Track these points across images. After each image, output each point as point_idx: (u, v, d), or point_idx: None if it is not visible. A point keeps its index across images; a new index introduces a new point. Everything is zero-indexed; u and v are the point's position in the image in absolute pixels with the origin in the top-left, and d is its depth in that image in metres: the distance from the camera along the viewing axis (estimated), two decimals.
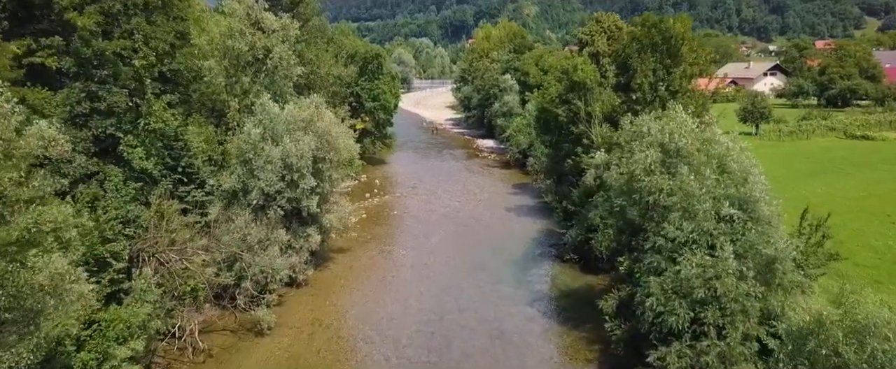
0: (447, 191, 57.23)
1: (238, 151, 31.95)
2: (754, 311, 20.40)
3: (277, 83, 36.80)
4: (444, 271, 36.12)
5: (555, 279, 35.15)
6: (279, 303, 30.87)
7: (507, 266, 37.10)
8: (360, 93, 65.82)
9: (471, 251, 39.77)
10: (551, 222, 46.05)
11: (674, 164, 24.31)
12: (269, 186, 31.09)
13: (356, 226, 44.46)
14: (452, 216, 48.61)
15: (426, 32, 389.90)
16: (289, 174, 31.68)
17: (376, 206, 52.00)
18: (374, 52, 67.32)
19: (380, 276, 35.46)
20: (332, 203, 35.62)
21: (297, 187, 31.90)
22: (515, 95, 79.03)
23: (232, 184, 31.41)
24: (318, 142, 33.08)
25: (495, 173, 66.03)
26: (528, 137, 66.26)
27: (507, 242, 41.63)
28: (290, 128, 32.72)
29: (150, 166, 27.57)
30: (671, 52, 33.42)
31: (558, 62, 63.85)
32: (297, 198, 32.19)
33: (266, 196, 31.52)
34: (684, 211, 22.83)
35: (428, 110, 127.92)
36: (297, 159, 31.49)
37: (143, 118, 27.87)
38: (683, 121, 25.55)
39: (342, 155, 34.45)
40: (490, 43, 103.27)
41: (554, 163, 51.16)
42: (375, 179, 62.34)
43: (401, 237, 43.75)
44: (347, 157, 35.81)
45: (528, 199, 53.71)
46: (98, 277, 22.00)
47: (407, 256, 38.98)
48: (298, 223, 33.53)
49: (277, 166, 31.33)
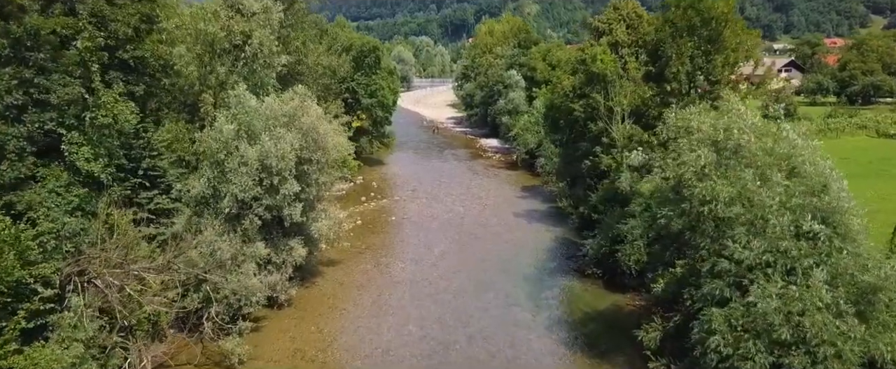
0: (450, 195, 52.66)
1: (208, 151, 27.38)
2: (854, 357, 15.81)
3: (258, 73, 32.21)
4: (448, 289, 31.54)
5: (576, 299, 30.56)
6: (255, 329, 26.35)
7: (520, 283, 32.51)
8: (356, 88, 61.26)
9: (478, 264, 35.17)
10: (567, 230, 41.47)
11: (731, 167, 19.79)
12: (243, 192, 26.49)
13: (349, 234, 39.89)
14: (456, 222, 44.03)
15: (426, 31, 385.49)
16: (267, 177, 27.09)
17: (373, 212, 47.42)
18: (371, 44, 62.75)
19: (374, 295, 30.87)
20: (319, 210, 31.01)
21: (277, 193, 27.32)
22: (522, 92, 74.43)
23: (200, 189, 26.83)
24: (302, 141, 28.54)
25: (501, 175, 61.46)
26: (536, 136, 61.74)
27: (518, 254, 37.04)
28: (270, 124, 28.16)
29: (98, 168, 22.96)
30: (711, 36, 28.87)
31: (572, 54, 59.47)
32: (277, 206, 27.60)
33: (240, 203, 26.93)
34: (750, 224, 18.31)
35: (428, 109, 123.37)
36: (278, 160, 26.92)
37: (89, 111, 23.27)
38: (742, 113, 21.03)
39: (331, 155, 29.88)
40: (493, 38, 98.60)
41: (567, 164, 46.68)
42: (372, 181, 57.78)
43: (399, 247, 39.17)
44: (338, 158, 31.29)
45: (539, 203, 49.12)
46: (15, 308, 17.50)
47: (406, 270, 34.39)
48: (280, 234, 28.95)
49: (254, 168, 26.74)
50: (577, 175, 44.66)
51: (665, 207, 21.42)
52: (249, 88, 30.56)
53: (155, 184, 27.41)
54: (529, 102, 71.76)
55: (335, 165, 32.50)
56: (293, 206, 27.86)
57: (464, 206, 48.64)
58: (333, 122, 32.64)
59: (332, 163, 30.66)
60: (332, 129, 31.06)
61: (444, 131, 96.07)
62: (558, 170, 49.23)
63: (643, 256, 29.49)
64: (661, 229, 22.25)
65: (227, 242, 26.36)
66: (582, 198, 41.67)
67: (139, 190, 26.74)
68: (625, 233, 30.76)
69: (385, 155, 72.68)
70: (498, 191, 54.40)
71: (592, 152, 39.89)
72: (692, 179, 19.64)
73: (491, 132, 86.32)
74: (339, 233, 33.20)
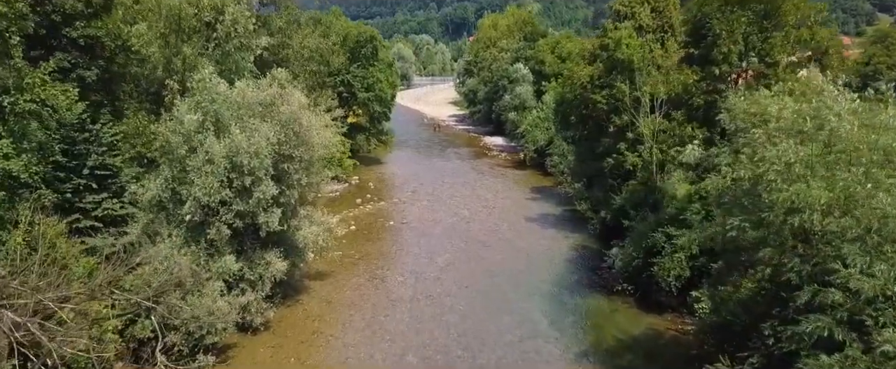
0: (454, 197, 48.03)
1: (165, 146, 22.81)
2: None
3: (232, 57, 27.59)
4: (454, 308, 26.95)
5: (605, 321, 25.97)
6: (222, 361, 21.82)
7: (538, 301, 27.92)
8: (352, 81, 56.60)
9: (488, 278, 30.57)
10: (586, 236, 36.88)
11: (829, 164, 15.21)
12: (208, 195, 21.86)
13: (341, 241, 35.34)
14: (462, 228, 39.41)
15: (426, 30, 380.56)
16: (238, 178, 22.48)
17: (368, 215, 42.79)
18: (368, 34, 58.06)
19: (368, 317, 26.26)
20: (303, 216, 26.40)
21: (250, 196, 22.70)
22: (529, 86, 69.80)
23: (156, 191, 22.24)
24: (282, 135, 23.97)
25: (509, 175, 56.81)
26: (546, 133, 57.20)
27: (533, 265, 32.42)
28: (242, 113, 23.58)
29: (19, 167, 18.37)
30: (768, 9, 24.24)
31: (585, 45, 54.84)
32: (250, 212, 22.97)
33: (205, 209, 22.30)
34: (861, 241, 13.72)
35: (429, 106, 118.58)
36: (251, 157, 22.32)
37: (8, 95, 18.68)
38: (834, 96, 16.47)
39: (317, 152, 25.27)
40: (497, 32, 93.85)
41: (583, 162, 42.16)
42: (369, 182, 53.14)
43: (397, 257, 34.53)
44: (326, 155, 26.75)
45: (552, 206, 44.50)
46: None
47: (405, 285, 29.77)
48: (255, 245, 24.32)
49: (221, 167, 22.13)
50: (595, 174, 40.20)
51: (735, 215, 16.77)
52: (223, 74, 26.01)
53: (104, 187, 22.90)
54: (538, 97, 67.25)
55: (323, 164, 28.05)
56: (270, 212, 23.24)
57: (469, 210, 44.02)
58: (324, 116, 28.09)
59: (318, 161, 26.08)
60: (320, 122, 26.48)
61: (446, 129, 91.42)
62: (573, 169, 44.68)
63: (685, 271, 25.07)
64: (730, 243, 17.60)
65: (188, 256, 21.81)
66: (603, 200, 37.12)
67: (84, 193, 22.25)
68: (660, 244, 26.31)
69: (383, 153, 68.06)
70: (506, 192, 49.76)
71: (616, 149, 35.39)
72: (776, 180, 15.06)
73: (495, 130, 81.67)
74: (328, 241, 28.67)
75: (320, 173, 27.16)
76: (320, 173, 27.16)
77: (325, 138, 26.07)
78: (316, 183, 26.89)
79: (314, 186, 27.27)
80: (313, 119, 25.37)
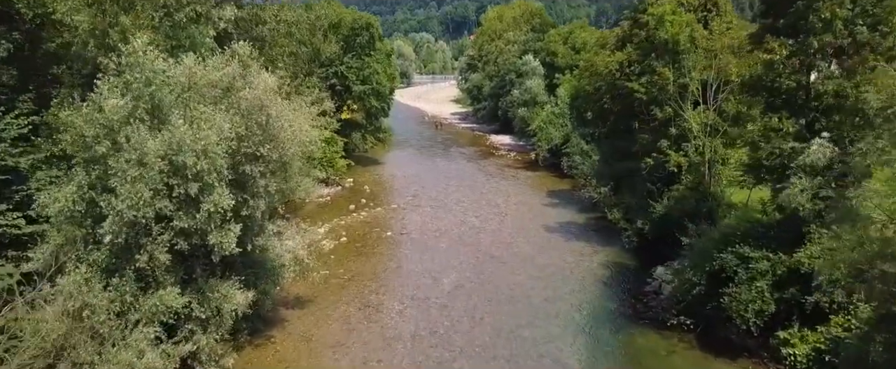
0: (460, 202, 42.28)
1: (77, 140, 17.06)
2: None
3: (187, 30, 21.72)
4: (466, 350, 21.19)
5: (660, 367, 20.21)
6: None
7: (573, 338, 22.18)
8: (346, 73, 50.82)
9: (506, 305, 24.83)
10: (619, 251, 31.18)
11: None
12: (136, 209, 16.07)
13: (328, 257, 29.84)
14: (471, 240, 33.66)
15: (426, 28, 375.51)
16: (181, 185, 16.72)
17: (362, 225, 37.03)
18: (364, 20, 52.25)
19: (357, 362, 20.50)
20: (270, 234, 20.57)
21: (197, 209, 16.94)
22: (540, 80, 64.02)
23: (64, 202, 16.46)
24: (243, 127, 18.27)
25: (520, 176, 51.04)
26: (562, 130, 51.49)
27: (561, 288, 26.67)
28: (188, 99, 17.83)
29: None
30: None
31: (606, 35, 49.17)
32: (199, 230, 17.19)
33: (134, 227, 16.52)
34: None
35: (430, 104, 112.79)
36: (197, 157, 16.57)
37: None
38: None
39: (290, 150, 19.51)
40: (503, 24, 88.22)
41: (610, 163, 36.45)
42: (364, 185, 47.37)
43: (395, 278, 28.75)
44: (306, 154, 21.04)
45: (574, 213, 38.77)
46: None
47: (404, 317, 24.01)
48: (207, 273, 18.55)
49: (156, 170, 16.37)
50: (625, 177, 34.53)
51: None
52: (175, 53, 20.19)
53: (2, 196, 17.16)
54: (549, 92, 61.54)
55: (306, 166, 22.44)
56: (225, 231, 17.45)
57: (479, 217, 38.26)
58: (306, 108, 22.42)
59: (295, 162, 20.35)
60: (299, 115, 20.77)
61: (449, 127, 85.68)
62: (598, 170, 38.94)
63: (769, 305, 19.32)
64: None
65: (110, 292, 16.08)
66: (638, 207, 31.43)
67: None
68: (730, 267, 20.59)
69: (381, 153, 62.27)
70: (519, 196, 44.00)
71: (656, 147, 29.68)
72: None
73: (502, 127, 75.93)
74: (309, 260, 23.00)
75: (298, 178, 21.44)
76: (298, 178, 21.44)
77: (303, 134, 20.32)
78: (290, 190, 21.13)
79: (289, 194, 21.55)
80: (285, 108, 19.61)
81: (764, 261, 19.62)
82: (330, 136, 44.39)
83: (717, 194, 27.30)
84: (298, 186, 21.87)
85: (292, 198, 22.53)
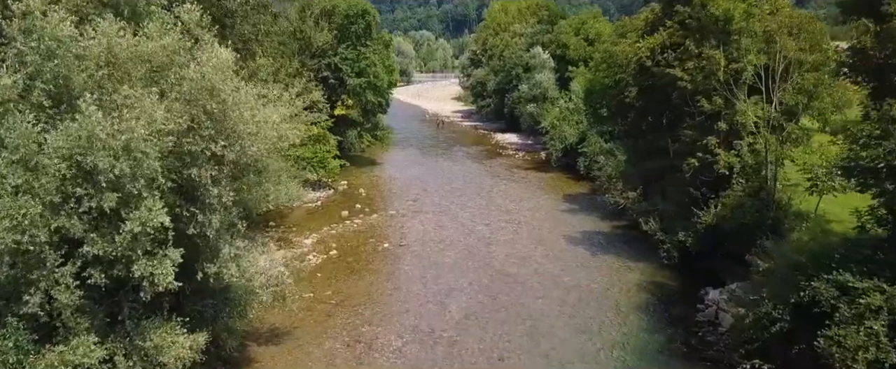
0: (466, 208, 37.56)
1: None
2: None
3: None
4: None
5: None
6: None
7: None
8: (340, 65, 46.07)
9: (528, 340, 20.12)
10: (657, 267, 26.50)
11: None
12: (21, 231, 11.32)
13: (315, 274, 25.23)
14: (481, 254, 28.95)
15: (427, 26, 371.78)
16: (93, 196, 12.00)
17: (356, 234, 32.31)
18: (360, 7, 47.53)
19: None
20: (228, 258, 15.72)
21: (116, 228, 12.20)
22: (550, 74, 59.35)
23: None
24: (190, 116, 13.57)
25: (531, 178, 46.33)
26: (577, 127, 46.80)
27: (594, 317, 21.95)
28: (106, 78, 13.10)
29: None
30: None
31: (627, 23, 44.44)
32: (120, 257, 12.42)
33: (22, 255, 11.76)
34: None
35: (431, 102, 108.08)
36: (114, 156, 11.86)
37: None
38: None
39: (252, 149, 14.75)
40: (508, 16, 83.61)
41: (637, 163, 31.90)
42: (359, 188, 42.65)
43: (393, 302, 23.99)
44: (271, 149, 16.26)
45: (596, 220, 34.08)
46: None
47: (404, 356, 19.27)
48: (135, 313, 13.80)
49: (53, 175, 11.65)
50: (656, 180, 30.02)
51: None
52: None
53: None
54: (561, 87, 56.87)
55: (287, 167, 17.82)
56: (157, 258, 12.70)
57: (489, 226, 33.54)
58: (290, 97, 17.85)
59: (257, 162, 15.63)
60: (263, 100, 16.09)
61: (451, 125, 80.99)
62: (625, 172, 34.20)
63: (889, 355, 14.63)
64: None
65: None
66: (678, 216, 26.74)
67: None
68: (827, 300, 15.92)
69: (378, 153, 57.47)
70: (532, 201, 39.30)
71: (702, 145, 25.02)
72: None
73: (509, 125, 71.26)
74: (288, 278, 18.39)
75: (266, 186, 16.75)
76: (266, 186, 16.75)
77: (271, 126, 15.57)
78: (257, 200, 16.42)
79: (256, 205, 16.84)
80: (246, 95, 14.87)
81: (876, 294, 14.92)
82: (321, 134, 39.79)
83: (783, 202, 22.62)
84: (269, 194, 17.23)
85: (262, 208, 17.83)
